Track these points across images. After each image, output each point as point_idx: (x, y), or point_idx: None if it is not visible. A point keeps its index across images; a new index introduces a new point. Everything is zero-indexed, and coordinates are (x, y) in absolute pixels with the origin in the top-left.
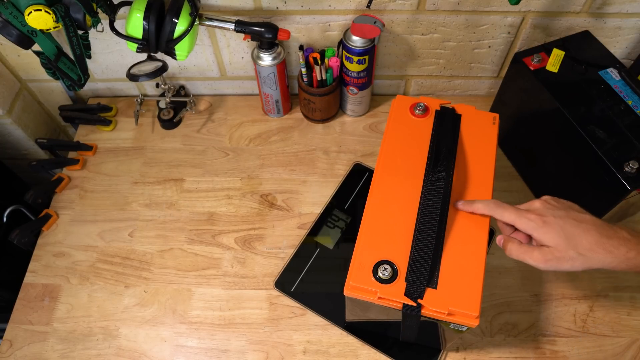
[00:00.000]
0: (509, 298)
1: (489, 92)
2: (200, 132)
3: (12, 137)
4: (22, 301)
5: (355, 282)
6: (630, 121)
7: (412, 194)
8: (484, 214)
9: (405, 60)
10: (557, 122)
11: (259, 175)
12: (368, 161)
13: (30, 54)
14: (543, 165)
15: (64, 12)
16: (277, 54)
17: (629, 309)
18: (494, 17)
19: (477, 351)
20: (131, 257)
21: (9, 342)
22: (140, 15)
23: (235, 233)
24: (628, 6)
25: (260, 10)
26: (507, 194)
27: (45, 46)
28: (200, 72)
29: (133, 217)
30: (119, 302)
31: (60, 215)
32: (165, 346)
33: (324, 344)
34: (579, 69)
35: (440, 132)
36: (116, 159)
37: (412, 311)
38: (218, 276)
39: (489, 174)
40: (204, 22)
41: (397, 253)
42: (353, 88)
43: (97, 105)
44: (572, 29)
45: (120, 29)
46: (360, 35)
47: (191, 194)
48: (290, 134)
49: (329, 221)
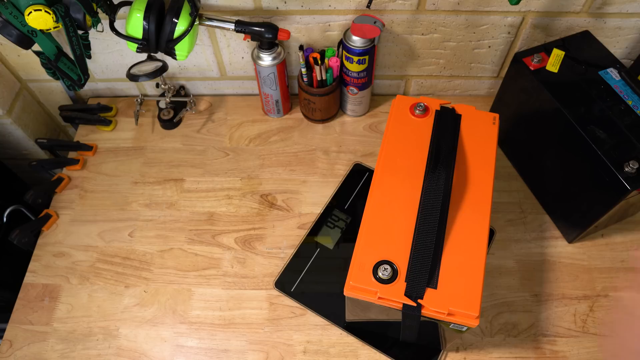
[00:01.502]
0: (509, 298)
1: (489, 92)
2: (200, 132)
3: (12, 137)
4: (22, 301)
5: (355, 282)
6: (630, 121)
7: (412, 194)
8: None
9: (405, 60)
10: (557, 122)
11: (259, 175)
12: (368, 161)
13: (30, 54)
14: (543, 165)
15: (64, 12)
16: (277, 54)
17: None
18: (494, 17)
19: (477, 351)
20: (131, 257)
21: (9, 342)
22: (140, 15)
23: (235, 233)
24: (628, 6)
25: (260, 10)
26: (507, 194)
27: (45, 46)
28: (200, 72)
29: (133, 217)
30: (119, 302)
31: (60, 215)
32: (165, 346)
33: (324, 344)
34: (579, 69)
35: (440, 132)
36: (116, 159)
37: (412, 311)
38: (218, 276)
39: (489, 174)
40: (204, 22)
41: (397, 253)
42: (353, 88)
43: (97, 105)
44: (572, 29)
45: (120, 29)
46: (360, 35)
47: (191, 194)
48: (290, 134)
49: (329, 221)
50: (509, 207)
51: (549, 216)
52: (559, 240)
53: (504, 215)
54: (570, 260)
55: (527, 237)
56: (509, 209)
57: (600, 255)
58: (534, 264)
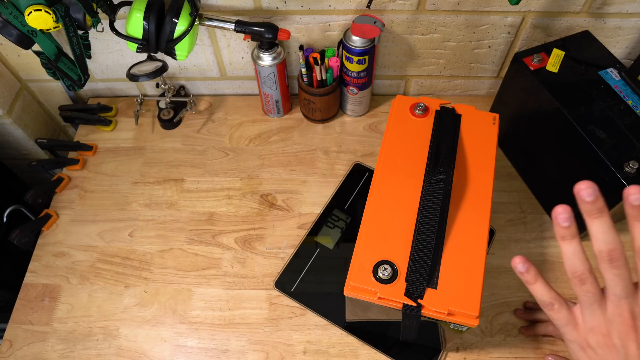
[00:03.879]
0: (509, 298)
1: (489, 92)
2: (200, 132)
3: (12, 137)
4: (22, 301)
5: (355, 282)
6: (630, 121)
7: (412, 194)
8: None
9: (405, 60)
10: (557, 122)
11: (259, 175)
12: (368, 161)
13: (30, 54)
14: (543, 165)
15: (64, 12)
16: (277, 54)
17: None
18: (494, 17)
19: (477, 351)
20: (131, 257)
21: (9, 342)
22: (140, 15)
23: (235, 233)
24: (628, 6)
25: (260, 10)
26: (507, 194)
27: (45, 46)
28: (200, 72)
29: (133, 217)
30: (119, 302)
31: (60, 215)
32: (165, 346)
33: (324, 344)
34: (579, 69)
35: (440, 132)
36: (116, 159)
37: (412, 311)
38: (218, 276)
39: (489, 174)
40: (204, 22)
41: (397, 253)
42: (353, 88)
43: (97, 105)
44: (572, 29)
45: (120, 29)
46: (360, 35)
47: (191, 194)
48: (290, 134)
49: (329, 221)
50: (509, 207)
51: (549, 216)
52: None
53: (504, 215)
54: None
55: (527, 237)
56: (509, 209)
57: None
58: (534, 264)
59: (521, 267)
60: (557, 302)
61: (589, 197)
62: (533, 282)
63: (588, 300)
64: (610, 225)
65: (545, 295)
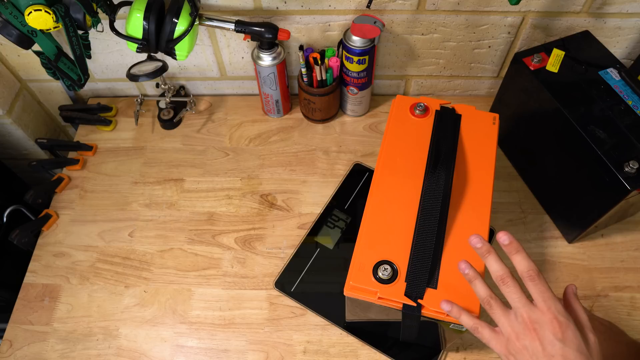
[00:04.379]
0: None
1: (489, 92)
2: (200, 132)
3: (12, 137)
4: (22, 301)
5: (355, 282)
6: (630, 121)
7: (412, 194)
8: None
9: (405, 60)
10: (557, 122)
11: (259, 175)
12: (368, 161)
13: (30, 54)
14: (543, 165)
15: (64, 12)
16: (277, 54)
17: (629, 309)
18: (494, 17)
19: (477, 351)
20: (131, 257)
21: (9, 342)
22: (140, 15)
23: (235, 233)
24: (628, 6)
25: (260, 10)
26: (507, 194)
27: (45, 46)
28: (200, 72)
29: (133, 217)
30: (119, 302)
31: (60, 215)
32: (165, 346)
33: (324, 344)
34: (579, 69)
35: (440, 132)
36: (116, 159)
37: (412, 311)
38: (218, 276)
39: (489, 174)
40: (204, 22)
41: (397, 253)
42: (353, 88)
43: (97, 105)
44: (572, 29)
45: (120, 29)
46: (360, 35)
47: (191, 194)
48: (290, 134)
49: (329, 221)
50: (509, 207)
51: (549, 216)
52: (559, 240)
53: (504, 215)
54: (570, 260)
55: (527, 237)
56: (509, 209)
57: (600, 255)
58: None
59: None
60: (480, 325)
61: (478, 244)
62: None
63: (497, 315)
64: (497, 259)
65: (470, 322)
